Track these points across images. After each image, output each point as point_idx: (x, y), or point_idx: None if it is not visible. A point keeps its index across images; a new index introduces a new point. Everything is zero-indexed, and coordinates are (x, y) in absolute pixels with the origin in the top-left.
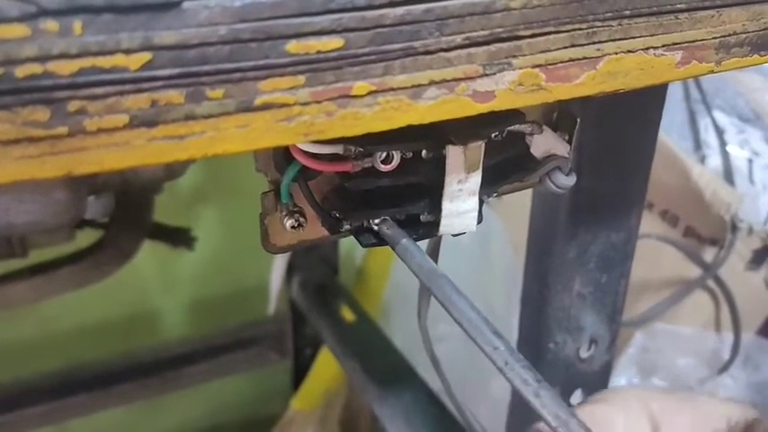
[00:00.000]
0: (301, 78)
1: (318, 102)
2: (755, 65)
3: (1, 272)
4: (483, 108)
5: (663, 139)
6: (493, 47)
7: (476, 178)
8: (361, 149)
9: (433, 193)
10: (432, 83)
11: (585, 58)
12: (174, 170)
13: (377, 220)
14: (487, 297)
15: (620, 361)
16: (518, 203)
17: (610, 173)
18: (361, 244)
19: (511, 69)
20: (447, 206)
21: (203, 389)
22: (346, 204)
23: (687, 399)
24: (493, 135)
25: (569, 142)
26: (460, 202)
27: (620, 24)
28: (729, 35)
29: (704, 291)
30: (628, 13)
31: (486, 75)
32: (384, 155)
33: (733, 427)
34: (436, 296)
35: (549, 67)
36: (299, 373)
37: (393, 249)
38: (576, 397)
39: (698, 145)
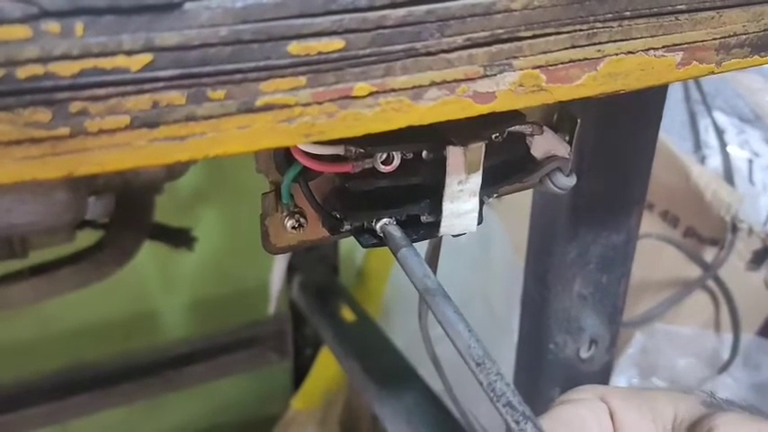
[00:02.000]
0: (302, 79)
1: (319, 103)
2: (756, 66)
3: (1, 272)
4: (484, 109)
5: (663, 139)
6: (494, 48)
7: (476, 179)
8: (362, 150)
9: (433, 194)
10: (432, 84)
11: (586, 59)
12: (174, 171)
13: (377, 221)
14: (488, 297)
15: (620, 361)
16: (518, 204)
17: (610, 173)
18: (361, 244)
19: (511, 70)
20: (447, 207)
21: (203, 389)
22: (347, 205)
23: (640, 394)
24: (493, 136)
25: (570, 143)
26: (461, 203)
27: (620, 25)
28: (730, 36)
29: (704, 291)
30: (628, 14)
31: (487, 76)
32: (384, 156)
33: (678, 425)
34: (428, 304)
35: (549, 68)
36: (300, 374)
37: (394, 256)
38: None
39: (698, 145)
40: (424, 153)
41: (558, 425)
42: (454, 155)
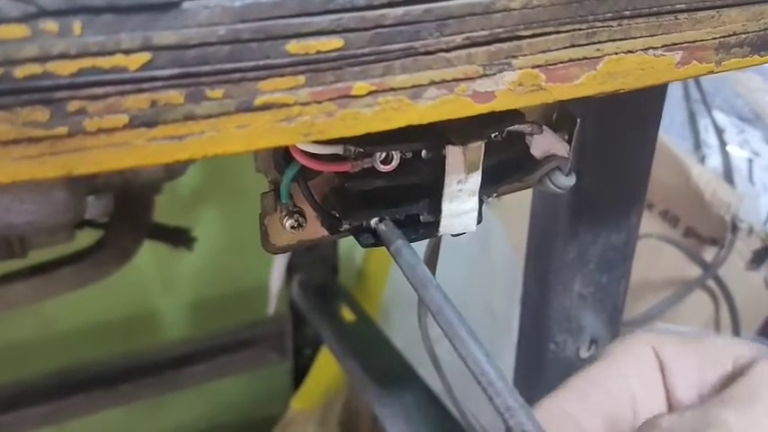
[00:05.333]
0: (301, 78)
1: (318, 102)
2: (755, 65)
3: (1, 272)
4: (483, 108)
5: (663, 139)
6: (493, 47)
7: (475, 178)
8: (361, 150)
9: (432, 194)
10: (432, 83)
11: (585, 58)
12: (173, 170)
13: (376, 221)
14: (488, 297)
15: None
16: (518, 204)
17: (610, 173)
18: (360, 244)
19: (511, 70)
20: (447, 206)
21: (203, 389)
22: (346, 204)
23: (696, 341)
24: (493, 135)
25: (569, 142)
26: (460, 203)
27: (619, 25)
28: (729, 35)
29: (704, 291)
30: (628, 13)
31: (486, 75)
32: (384, 155)
33: (740, 368)
34: (426, 303)
35: (549, 67)
36: (299, 374)
37: (387, 250)
38: None
39: (698, 145)
40: (424, 152)
41: (591, 387)
42: (453, 154)
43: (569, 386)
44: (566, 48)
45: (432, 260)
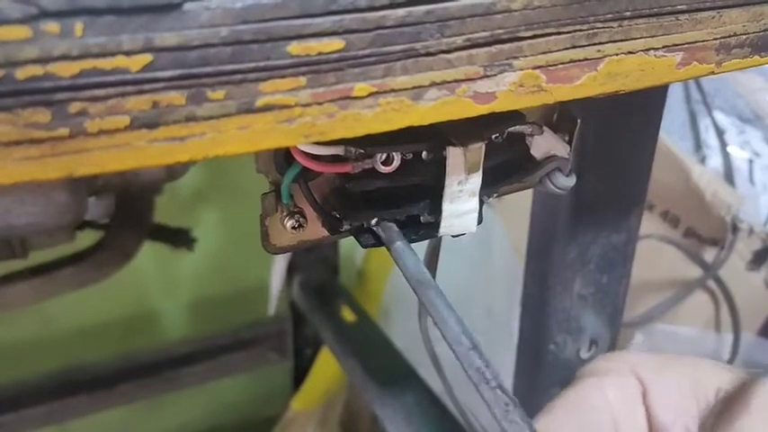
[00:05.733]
0: (302, 80)
1: (319, 103)
2: (756, 66)
3: (1, 273)
4: (484, 109)
5: (663, 139)
6: (494, 48)
7: (476, 179)
8: (362, 151)
9: (433, 194)
10: (432, 84)
11: (586, 59)
12: (174, 171)
13: (377, 221)
14: (488, 298)
15: None
16: (518, 204)
17: (610, 174)
18: (361, 244)
19: (512, 71)
20: (447, 207)
21: (203, 389)
22: (346, 205)
23: (680, 365)
24: (493, 136)
25: (569, 143)
26: (461, 203)
27: (620, 25)
28: (730, 36)
29: (704, 291)
30: (628, 14)
31: (487, 76)
32: (384, 156)
33: (722, 399)
34: (425, 305)
35: (549, 68)
36: (300, 374)
37: (387, 250)
38: None
39: (698, 145)
40: (424, 153)
41: (573, 413)
42: (454, 155)
43: (553, 411)
44: (566, 49)
45: (432, 261)
